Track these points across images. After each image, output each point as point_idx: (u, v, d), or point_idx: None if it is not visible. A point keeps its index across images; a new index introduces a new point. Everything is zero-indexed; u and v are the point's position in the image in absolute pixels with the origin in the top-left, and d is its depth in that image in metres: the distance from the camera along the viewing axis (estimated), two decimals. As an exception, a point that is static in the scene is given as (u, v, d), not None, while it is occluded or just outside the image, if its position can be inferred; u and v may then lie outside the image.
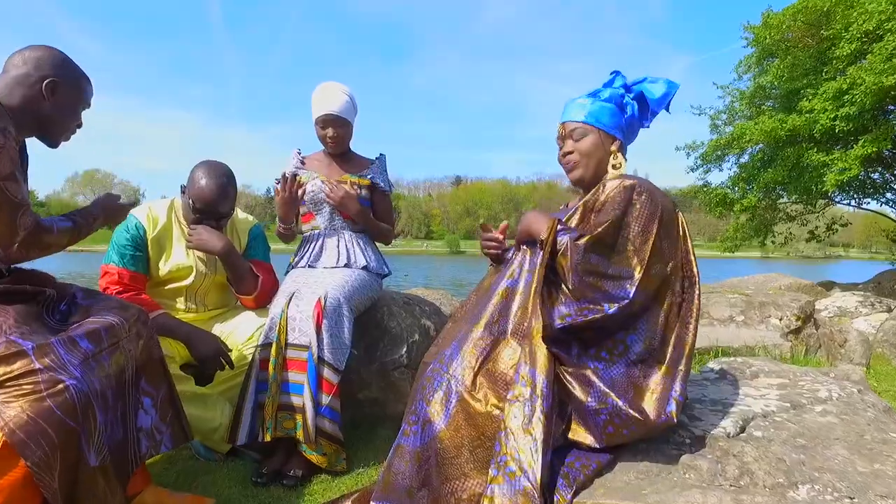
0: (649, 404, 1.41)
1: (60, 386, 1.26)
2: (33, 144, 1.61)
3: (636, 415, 1.37)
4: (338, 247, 2.39)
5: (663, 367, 1.48)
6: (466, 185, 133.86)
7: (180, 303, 2.20)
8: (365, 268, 2.35)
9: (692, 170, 12.46)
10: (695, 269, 1.58)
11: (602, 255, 1.47)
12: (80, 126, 1.65)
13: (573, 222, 1.62)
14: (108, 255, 2.04)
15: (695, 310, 1.54)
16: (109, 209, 1.71)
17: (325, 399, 1.96)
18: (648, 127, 1.80)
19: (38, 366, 1.26)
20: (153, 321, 1.94)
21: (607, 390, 1.39)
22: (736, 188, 11.64)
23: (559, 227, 1.52)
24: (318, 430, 1.94)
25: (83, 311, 1.54)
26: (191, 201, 2.08)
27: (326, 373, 1.98)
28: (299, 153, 2.56)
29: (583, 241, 1.46)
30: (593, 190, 1.64)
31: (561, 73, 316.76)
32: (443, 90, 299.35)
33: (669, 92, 1.70)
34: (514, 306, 1.55)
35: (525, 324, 1.52)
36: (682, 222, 1.61)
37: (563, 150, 1.74)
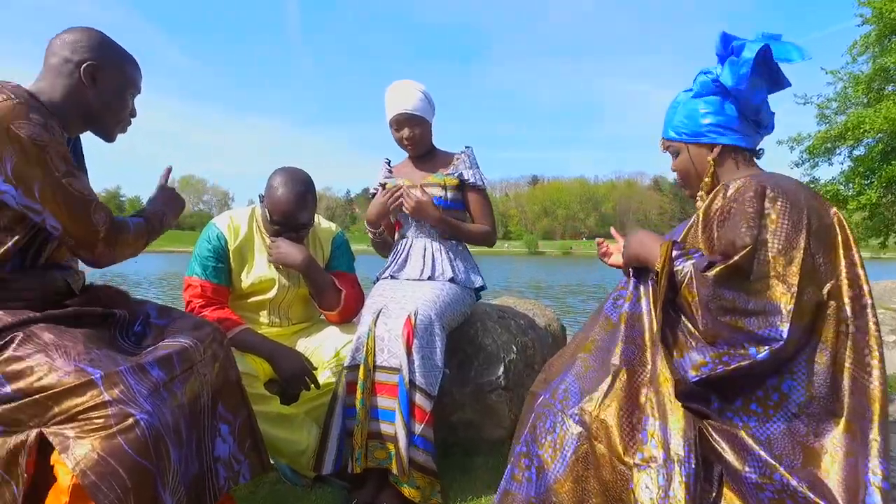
0: (835, 483, 1.06)
1: (130, 421, 1.13)
2: (129, 154, 1.49)
3: (820, 502, 1.04)
4: (423, 256, 2.18)
5: (842, 422, 1.12)
6: (543, 184, 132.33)
7: (263, 316, 2.07)
8: (452, 280, 2.13)
9: (797, 165, 11.47)
10: (864, 286, 1.19)
11: (738, 287, 1.14)
12: (133, 115, 1.47)
13: (694, 240, 1.29)
14: (191, 266, 1.94)
15: (873, 342, 1.16)
16: (169, 200, 1.56)
17: (418, 428, 1.76)
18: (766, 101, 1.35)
19: (107, 397, 1.13)
20: (235, 337, 1.83)
21: (772, 461, 1.07)
22: (850, 184, 10.53)
23: (675, 251, 1.22)
24: (410, 461, 1.74)
25: (157, 331, 1.42)
26: (268, 212, 1.94)
27: (419, 398, 1.77)
28: (388, 163, 2.39)
29: (712, 272, 1.14)
30: (712, 194, 1.30)
31: (638, 69, 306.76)
32: (515, 89, 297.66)
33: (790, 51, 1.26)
34: (638, 338, 1.29)
35: (650, 366, 1.25)
36: (841, 223, 1.23)
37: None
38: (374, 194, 2.34)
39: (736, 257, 1.15)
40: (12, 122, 1.15)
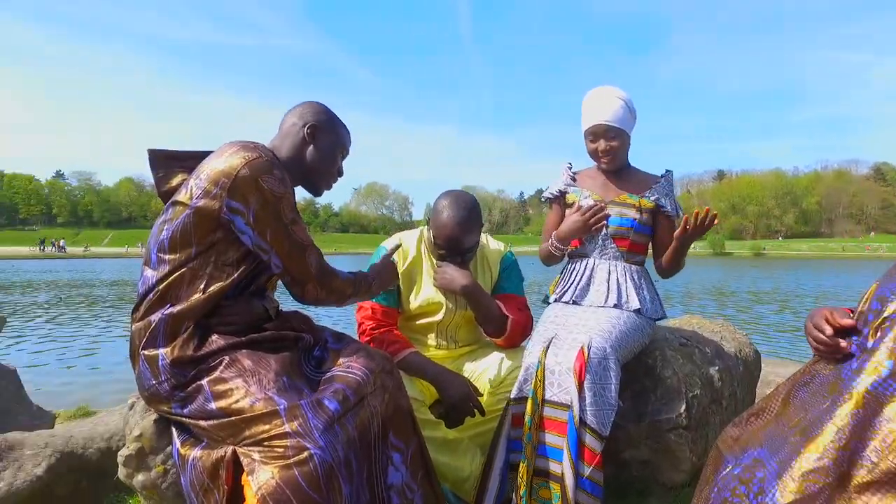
0: None
1: (305, 454, 1.20)
2: None
3: None
4: (608, 281, 2.04)
5: None
6: (731, 179, 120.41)
7: (431, 339, 2.10)
8: (637, 311, 1.96)
9: None
10: None
11: None
12: (340, 174, 1.67)
13: None
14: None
15: None
16: (381, 272, 1.74)
17: (587, 470, 1.64)
18: None
19: (287, 429, 1.23)
20: (403, 361, 1.87)
21: None
22: None
23: None
24: (577, 504, 1.63)
25: (334, 355, 1.52)
26: (433, 237, 1.95)
27: (589, 439, 1.65)
28: (570, 168, 2.26)
29: None
30: None
31: (852, 36, 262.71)
32: (695, 78, 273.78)
33: None
34: (881, 430, 0.96)
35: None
36: None
37: None
38: (549, 199, 2.24)
39: None
40: (261, 176, 1.35)
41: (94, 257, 50.64)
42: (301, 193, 1.69)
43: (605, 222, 2.02)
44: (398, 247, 1.89)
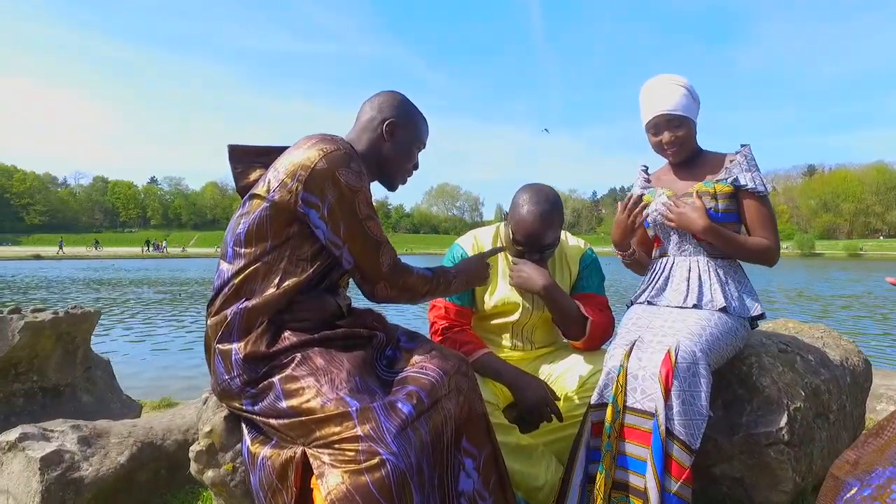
0: None
1: (377, 460, 1.15)
2: None
3: None
4: (688, 279, 1.88)
5: None
6: (822, 174, 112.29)
7: (506, 339, 2.02)
8: (723, 309, 1.80)
9: None
10: None
11: None
12: (416, 167, 1.64)
13: None
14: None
15: None
16: (469, 269, 1.66)
17: (674, 485, 1.50)
18: None
19: (359, 432, 1.18)
20: (477, 361, 1.80)
21: None
22: None
23: None
24: (663, 521, 1.50)
25: (407, 355, 1.47)
26: (511, 232, 1.86)
27: (676, 451, 1.51)
28: (645, 170, 2.12)
29: None
30: None
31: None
32: (781, 68, 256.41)
33: None
34: None
35: None
36: None
37: None
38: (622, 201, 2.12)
39: None
40: (338, 168, 1.32)
41: (188, 257, 53.88)
42: (376, 193, 1.65)
43: (643, 214, 1.90)
44: (501, 249, 1.81)
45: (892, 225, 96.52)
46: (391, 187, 1.63)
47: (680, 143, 1.89)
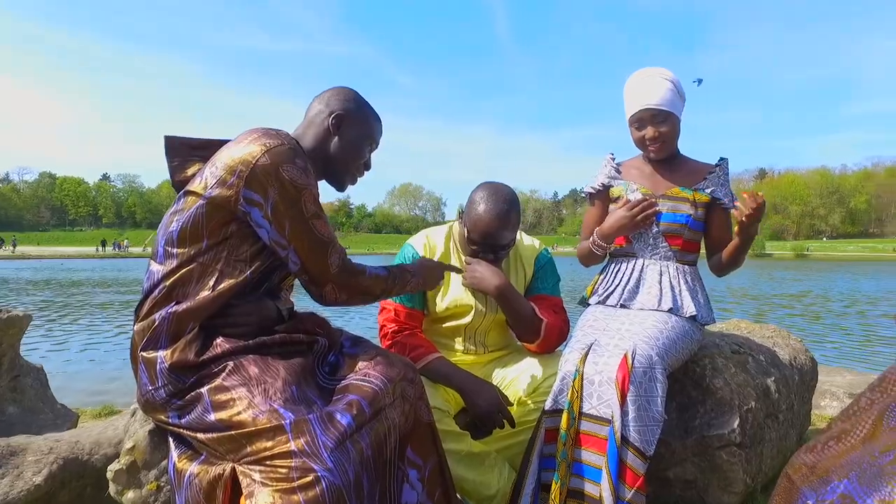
0: None
1: (311, 477, 1.07)
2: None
3: None
4: (660, 283, 1.85)
5: None
6: (773, 177, 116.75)
7: (459, 343, 1.96)
8: (694, 318, 1.78)
9: None
10: None
11: None
12: (367, 168, 1.54)
13: None
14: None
15: None
16: (427, 269, 1.59)
17: (628, 493, 1.47)
18: None
19: (293, 447, 1.09)
20: (427, 366, 1.74)
21: None
22: None
23: None
24: (616, 529, 1.46)
25: (350, 361, 1.39)
26: (467, 230, 1.80)
27: (631, 458, 1.48)
28: (613, 159, 2.06)
29: None
30: None
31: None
32: (741, 74, 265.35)
33: None
34: None
35: None
36: None
37: None
38: (591, 194, 2.05)
39: None
40: (282, 164, 1.24)
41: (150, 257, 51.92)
42: (334, 195, 1.56)
43: (654, 219, 1.84)
44: (461, 272, 1.78)
45: (834, 227, 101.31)
46: (339, 187, 1.52)
47: (663, 140, 1.85)
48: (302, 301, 1.63)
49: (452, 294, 1.90)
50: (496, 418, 1.70)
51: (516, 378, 1.88)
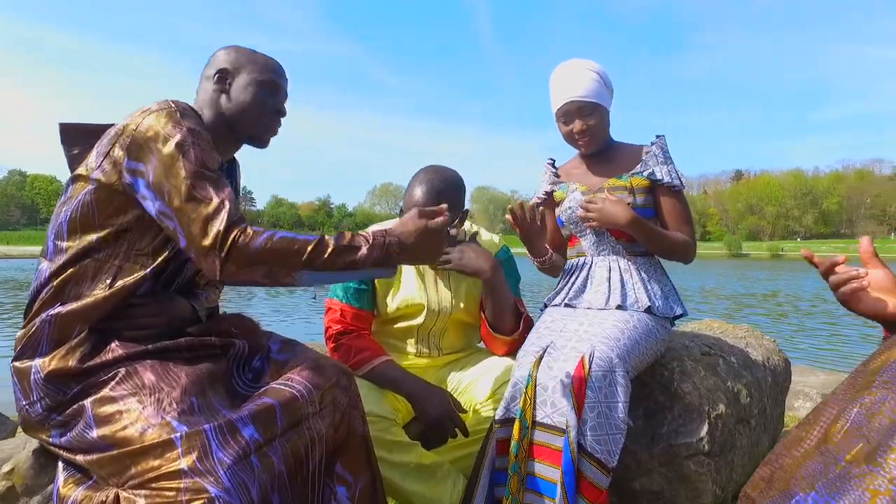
0: None
1: (203, 499, 0.91)
2: (338, 164, 1.43)
3: None
4: (608, 280, 1.73)
5: None
6: (749, 179, 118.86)
7: (411, 345, 1.81)
8: (649, 310, 1.66)
9: None
10: None
11: None
12: (280, 113, 1.34)
13: None
14: (333, 288, 1.75)
15: None
16: (413, 225, 1.22)
17: (587, 509, 1.34)
18: None
19: (183, 465, 0.93)
20: (374, 370, 1.59)
21: None
22: None
23: None
24: (575, 549, 1.33)
25: (277, 367, 1.24)
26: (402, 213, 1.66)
27: (591, 471, 1.35)
28: (552, 164, 1.97)
29: None
30: None
31: (876, 32, 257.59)
32: (719, 77, 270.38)
33: None
34: None
35: None
36: None
37: None
38: (538, 205, 1.94)
39: None
40: (163, 126, 1.11)
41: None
42: (314, 193, 1.37)
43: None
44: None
45: (808, 228, 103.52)
46: (259, 143, 1.35)
47: (592, 133, 1.74)
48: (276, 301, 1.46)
49: (403, 293, 1.76)
50: (447, 427, 1.57)
51: (473, 383, 1.74)
